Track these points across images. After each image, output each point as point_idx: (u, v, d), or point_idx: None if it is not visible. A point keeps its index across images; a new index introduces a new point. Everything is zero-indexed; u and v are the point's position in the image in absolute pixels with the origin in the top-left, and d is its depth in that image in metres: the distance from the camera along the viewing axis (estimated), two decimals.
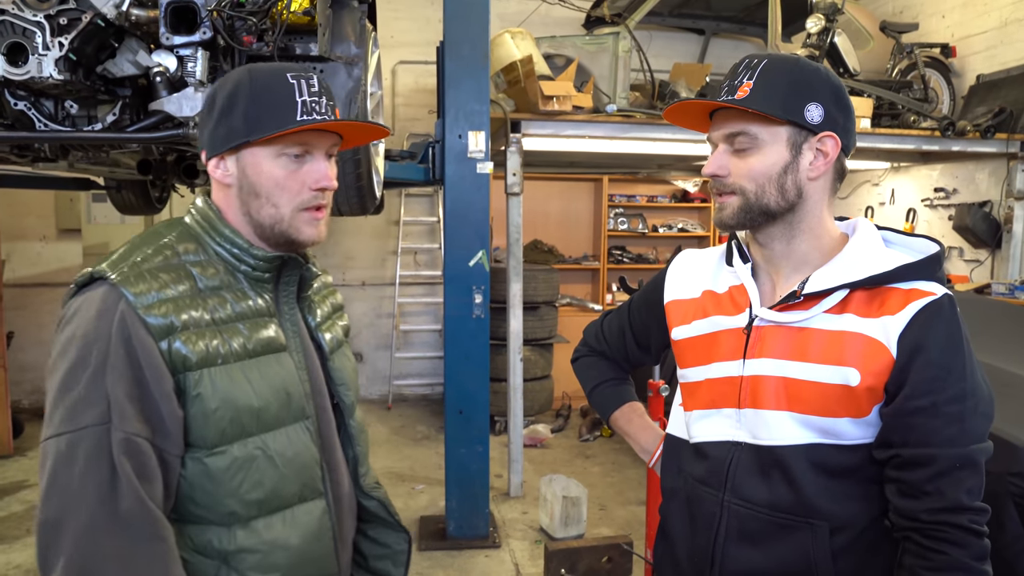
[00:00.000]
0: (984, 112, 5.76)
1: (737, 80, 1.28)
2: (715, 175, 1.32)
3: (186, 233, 1.27)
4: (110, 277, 1.14)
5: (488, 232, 4.28)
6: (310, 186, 1.25)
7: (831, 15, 5.50)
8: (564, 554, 3.28)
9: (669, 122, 1.42)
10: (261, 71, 1.25)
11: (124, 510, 1.06)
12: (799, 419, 1.28)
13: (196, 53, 2.34)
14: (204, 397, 1.15)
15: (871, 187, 7.28)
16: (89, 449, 1.06)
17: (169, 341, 1.13)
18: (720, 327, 1.40)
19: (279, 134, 1.20)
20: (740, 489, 1.35)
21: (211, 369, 1.16)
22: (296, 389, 1.27)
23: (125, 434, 1.07)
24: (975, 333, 1.26)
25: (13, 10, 2.23)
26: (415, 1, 7.22)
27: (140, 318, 1.12)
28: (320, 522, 1.30)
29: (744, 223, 1.33)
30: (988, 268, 6.01)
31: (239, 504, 1.19)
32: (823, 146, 1.28)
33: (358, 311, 7.50)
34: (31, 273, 6.76)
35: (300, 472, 1.26)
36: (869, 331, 1.23)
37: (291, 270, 1.33)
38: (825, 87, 1.27)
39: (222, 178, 1.25)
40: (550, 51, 5.53)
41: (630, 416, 1.74)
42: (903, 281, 1.25)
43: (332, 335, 1.43)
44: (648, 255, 8.03)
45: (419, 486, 5.11)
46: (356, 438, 1.45)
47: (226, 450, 1.18)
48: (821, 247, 1.33)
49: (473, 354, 4.28)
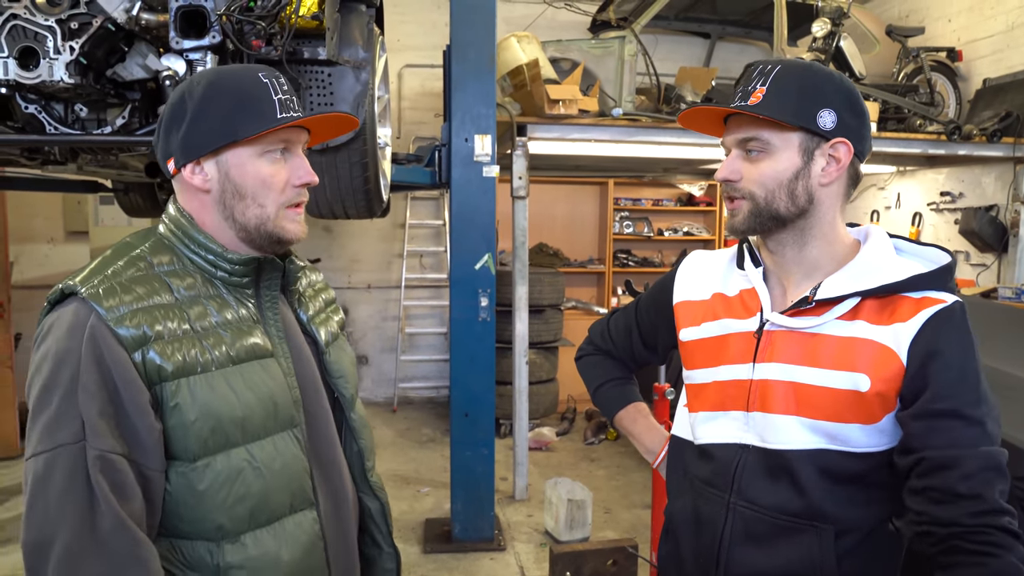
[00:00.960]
0: (990, 116, 5.75)
1: (751, 86, 1.29)
2: (727, 180, 1.33)
3: (160, 244, 1.24)
4: (81, 292, 1.12)
5: (494, 235, 4.29)
6: (293, 183, 1.25)
7: (837, 19, 5.51)
8: (569, 557, 3.29)
9: (683, 127, 1.43)
10: (230, 74, 1.23)
11: (104, 531, 1.04)
12: (808, 424, 1.28)
13: (205, 57, 2.36)
14: (182, 407, 1.13)
15: (877, 191, 7.27)
16: (65, 468, 1.04)
17: (143, 352, 1.11)
18: (730, 330, 1.40)
19: (267, 132, 1.20)
20: (747, 491, 1.35)
21: (189, 379, 1.14)
22: (284, 397, 1.25)
23: (99, 451, 1.05)
24: (981, 337, 1.26)
25: (25, 14, 2.25)
26: (422, 5, 7.24)
27: (111, 330, 1.10)
28: (311, 534, 1.27)
29: (755, 228, 1.33)
30: (994, 272, 5.99)
31: (226, 518, 1.17)
32: (835, 152, 1.28)
33: (364, 314, 7.51)
34: (39, 275, 6.79)
35: (289, 482, 1.24)
36: (880, 338, 1.24)
37: (270, 273, 1.30)
38: (838, 93, 1.28)
39: (201, 184, 1.22)
40: (556, 55, 5.54)
41: (635, 416, 1.73)
42: (915, 291, 1.25)
43: (327, 328, 1.42)
44: (654, 259, 8.04)
45: (424, 489, 5.12)
46: (359, 431, 1.43)
47: (210, 462, 1.16)
48: (833, 253, 1.33)
49: (479, 357, 4.28)
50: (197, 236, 1.23)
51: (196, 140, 1.20)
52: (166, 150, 1.23)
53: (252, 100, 1.20)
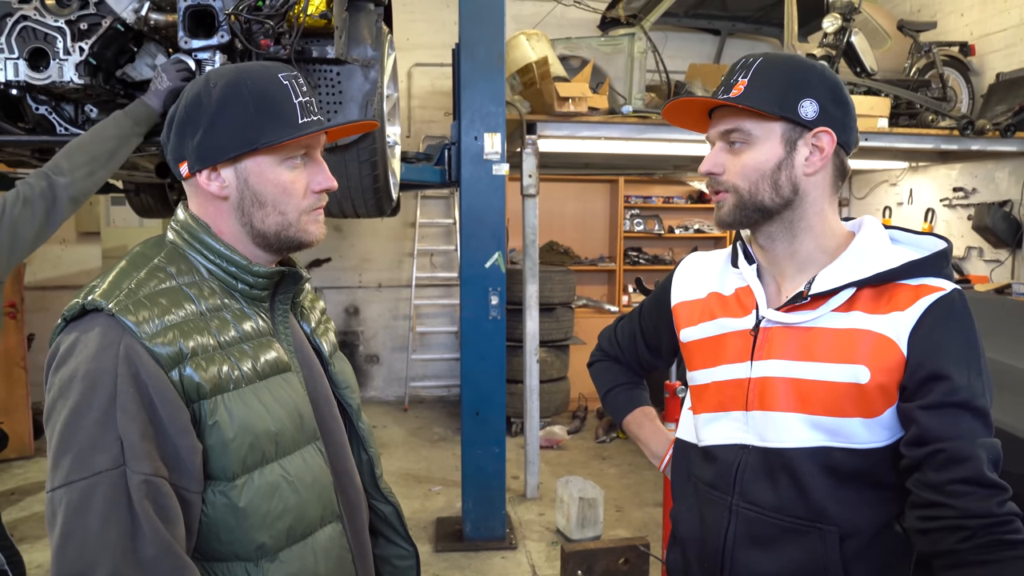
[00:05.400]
0: (1004, 111, 5.69)
1: (733, 78, 1.28)
2: (710, 172, 1.33)
3: (174, 253, 1.18)
4: (107, 307, 1.05)
5: (504, 234, 4.28)
6: (313, 188, 1.22)
7: (848, 14, 5.47)
8: (581, 556, 3.28)
9: (668, 122, 1.43)
10: (249, 75, 1.18)
11: (149, 558, 0.98)
12: (808, 420, 1.26)
13: (214, 56, 2.36)
14: (221, 425, 1.09)
15: (889, 187, 7.22)
16: (106, 495, 0.98)
17: (179, 370, 1.06)
18: (726, 329, 1.39)
19: (290, 141, 1.16)
20: (748, 493, 1.33)
21: (225, 395, 1.10)
22: (307, 409, 1.22)
23: (144, 476, 1.00)
24: (995, 334, 1.25)
25: (35, 16, 2.26)
26: (431, 4, 7.24)
27: (147, 349, 1.04)
28: (340, 546, 1.26)
29: (741, 221, 1.32)
30: (1008, 268, 5.94)
31: (268, 536, 1.14)
32: (819, 141, 1.27)
33: (374, 313, 7.53)
34: (51, 276, 6.84)
35: (320, 495, 1.22)
36: (878, 328, 1.22)
37: (288, 285, 1.26)
38: (821, 84, 1.27)
39: (218, 191, 1.17)
40: (565, 53, 5.53)
41: (641, 421, 1.73)
42: (911, 278, 1.24)
43: (328, 339, 1.40)
44: (664, 256, 8.01)
45: (436, 487, 5.12)
46: (368, 440, 1.42)
47: (247, 480, 1.12)
48: (825, 246, 1.32)
49: (489, 355, 4.28)
50: (216, 246, 1.18)
51: (213, 146, 1.15)
52: (179, 153, 1.18)
53: (273, 104, 1.15)
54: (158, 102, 2.37)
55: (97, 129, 2.29)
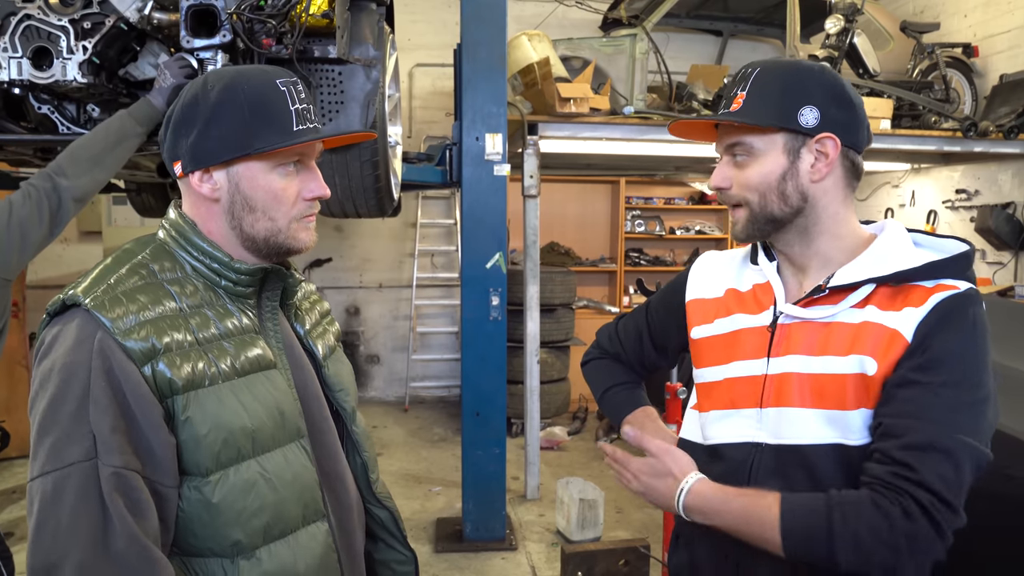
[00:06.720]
0: (1007, 112, 5.69)
1: (733, 91, 1.29)
2: (718, 187, 1.34)
3: (160, 250, 1.20)
4: (84, 303, 1.07)
5: (505, 234, 4.28)
6: (304, 196, 1.22)
7: (850, 15, 5.46)
8: (581, 557, 3.28)
9: (678, 137, 1.43)
10: (246, 79, 1.18)
11: (119, 551, 0.99)
12: (824, 416, 1.25)
13: (216, 56, 2.36)
14: (194, 421, 1.10)
15: (891, 189, 7.21)
16: (77, 487, 1.00)
17: (152, 365, 1.07)
18: (742, 325, 1.39)
19: (284, 149, 1.16)
20: None
21: (198, 391, 1.11)
22: (290, 407, 1.22)
23: (114, 468, 1.01)
24: (997, 337, 1.23)
25: (39, 15, 2.26)
26: (432, 4, 7.25)
27: (119, 344, 1.05)
28: (324, 545, 1.25)
29: (755, 234, 1.33)
30: (1011, 271, 5.93)
31: (242, 533, 1.14)
32: (822, 148, 1.26)
33: (375, 313, 7.53)
34: (53, 275, 6.85)
35: (301, 494, 1.21)
36: (889, 322, 1.21)
37: (273, 283, 1.27)
38: (820, 88, 1.26)
39: (209, 193, 1.18)
40: (567, 53, 5.52)
41: (643, 421, 1.68)
42: (930, 279, 1.23)
43: (324, 342, 1.39)
44: (665, 257, 8.01)
45: (436, 488, 5.12)
46: (362, 444, 1.41)
47: (222, 476, 1.12)
48: (844, 247, 1.31)
49: (490, 356, 4.27)
50: (200, 243, 1.20)
51: (207, 148, 1.16)
52: (174, 152, 1.19)
53: (268, 110, 1.16)
54: (162, 100, 2.37)
55: (100, 129, 2.30)
